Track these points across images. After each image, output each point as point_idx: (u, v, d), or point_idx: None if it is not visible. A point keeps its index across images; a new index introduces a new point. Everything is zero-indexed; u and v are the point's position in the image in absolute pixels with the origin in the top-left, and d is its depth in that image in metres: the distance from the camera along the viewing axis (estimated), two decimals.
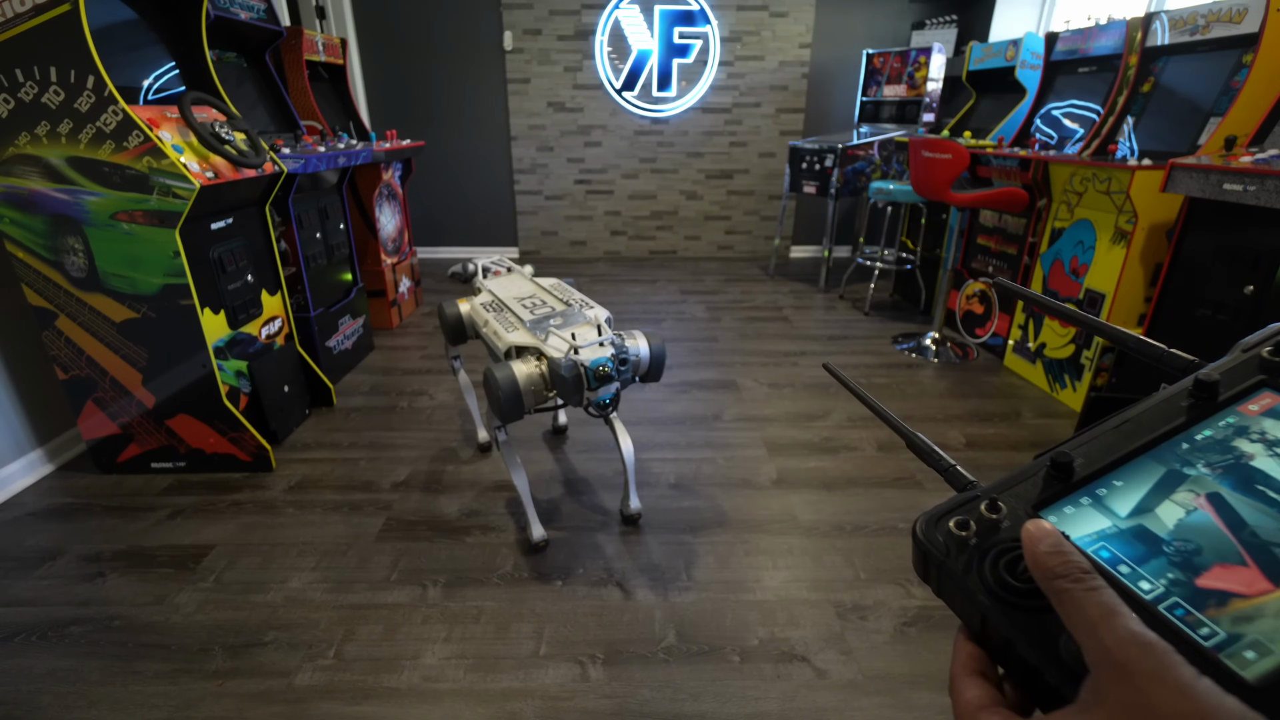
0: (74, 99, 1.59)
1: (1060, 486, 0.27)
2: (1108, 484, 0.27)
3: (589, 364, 1.36)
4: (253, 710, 1.23)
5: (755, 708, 1.23)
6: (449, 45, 4.42)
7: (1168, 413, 0.29)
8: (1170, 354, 0.32)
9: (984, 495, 0.27)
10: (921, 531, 0.27)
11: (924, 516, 0.27)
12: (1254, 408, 0.27)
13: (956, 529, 0.26)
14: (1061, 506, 0.26)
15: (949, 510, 0.27)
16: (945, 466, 0.32)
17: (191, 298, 1.79)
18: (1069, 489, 0.27)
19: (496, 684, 1.28)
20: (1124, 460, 0.27)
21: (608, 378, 1.37)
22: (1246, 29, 2.02)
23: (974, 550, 0.25)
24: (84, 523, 1.78)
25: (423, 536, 1.72)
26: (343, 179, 2.87)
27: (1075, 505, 0.26)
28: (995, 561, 0.25)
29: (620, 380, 1.42)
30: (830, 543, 1.69)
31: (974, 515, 0.26)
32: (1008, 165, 2.75)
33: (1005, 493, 0.27)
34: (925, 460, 0.33)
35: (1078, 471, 0.27)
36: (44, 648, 1.36)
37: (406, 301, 3.56)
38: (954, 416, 2.39)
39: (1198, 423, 0.28)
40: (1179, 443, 0.27)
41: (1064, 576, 0.22)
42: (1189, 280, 1.98)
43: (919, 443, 0.33)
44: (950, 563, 0.26)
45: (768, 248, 5.00)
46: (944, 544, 0.26)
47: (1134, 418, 0.29)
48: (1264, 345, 0.30)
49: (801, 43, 4.50)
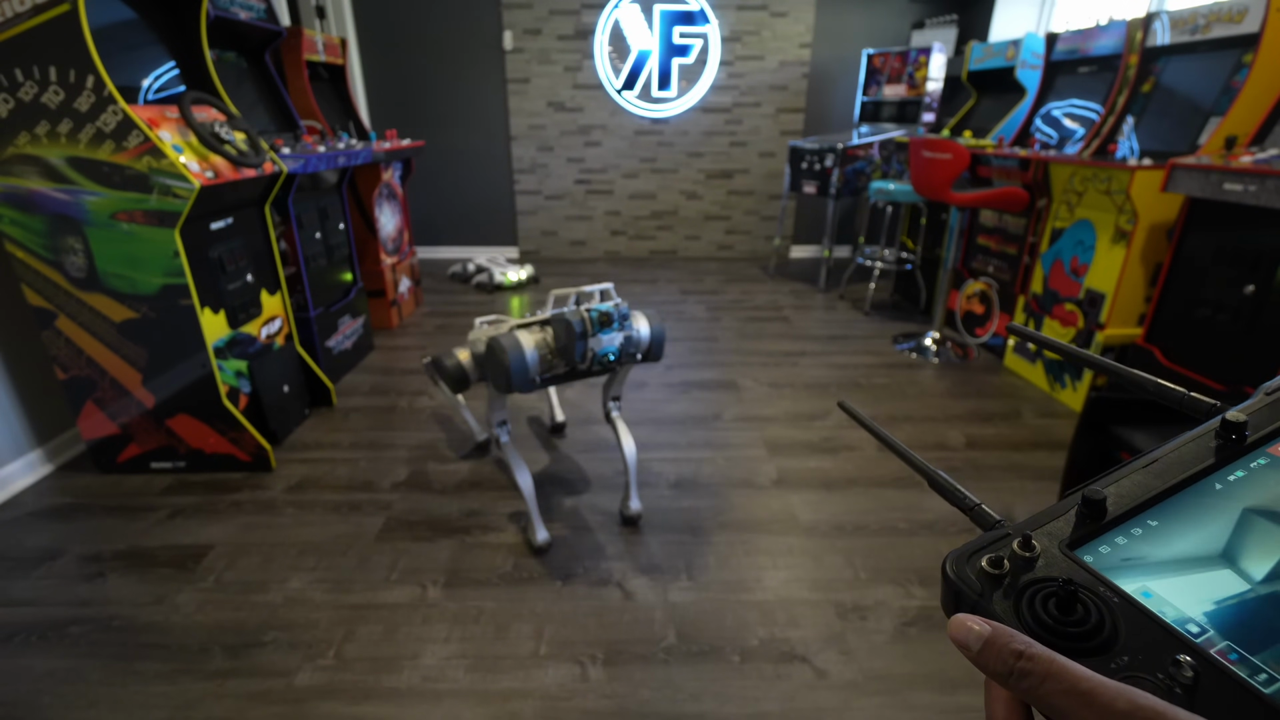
0: (74, 99, 1.59)
1: (1093, 525, 0.27)
2: (1142, 523, 0.26)
3: (590, 311, 1.45)
4: (253, 710, 1.23)
5: (755, 708, 1.23)
6: (449, 45, 4.42)
7: (1196, 453, 0.29)
8: (1191, 398, 0.32)
9: (1016, 533, 0.27)
10: (953, 569, 0.26)
11: (954, 555, 0.27)
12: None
13: (990, 567, 0.26)
14: (1096, 546, 0.26)
15: (980, 548, 0.27)
16: (970, 505, 0.31)
17: (191, 298, 1.79)
18: (1102, 528, 0.27)
19: (496, 684, 1.28)
20: (1157, 500, 0.27)
21: (607, 319, 1.45)
22: (1247, 29, 2.02)
23: (1009, 589, 0.25)
24: (84, 523, 1.78)
25: (423, 536, 1.72)
26: (342, 179, 2.87)
27: (1110, 545, 0.26)
28: (1033, 600, 0.24)
29: (624, 341, 1.49)
30: (830, 543, 1.69)
31: (1007, 553, 0.26)
32: (1008, 165, 2.75)
33: (1036, 530, 0.27)
34: (949, 499, 0.32)
35: (1110, 510, 0.27)
36: (44, 648, 1.36)
37: (406, 301, 3.56)
38: (954, 416, 2.38)
39: (1229, 463, 0.28)
40: (1212, 483, 0.27)
41: (1015, 673, 0.21)
42: (1189, 280, 1.98)
43: (941, 480, 0.33)
44: (985, 602, 0.25)
45: (768, 248, 5.00)
46: (977, 583, 0.25)
47: (1162, 458, 0.29)
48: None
49: (801, 42, 4.50)
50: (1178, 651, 0.21)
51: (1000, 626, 0.23)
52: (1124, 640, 0.22)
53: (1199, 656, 0.21)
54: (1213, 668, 0.20)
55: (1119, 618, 0.23)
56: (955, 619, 0.24)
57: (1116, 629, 0.22)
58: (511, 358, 1.42)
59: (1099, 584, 0.24)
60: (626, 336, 1.52)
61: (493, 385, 1.54)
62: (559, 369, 1.52)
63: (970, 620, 0.23)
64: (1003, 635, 0.22)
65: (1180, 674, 0.20)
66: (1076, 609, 0.23)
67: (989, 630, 0.23)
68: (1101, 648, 0.22)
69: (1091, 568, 0.25)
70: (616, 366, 1.54)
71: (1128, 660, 0.21)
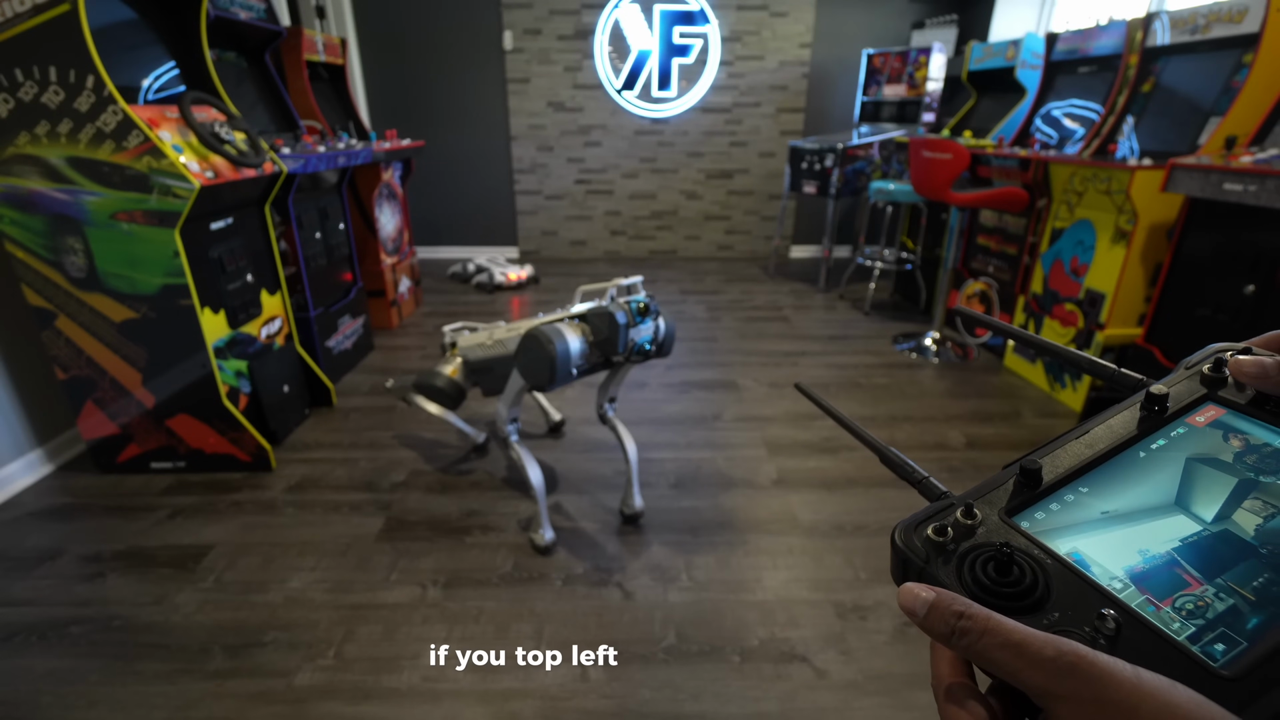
0: (74, 99, 1.59)
1: (1029, 493, 0.29)
2: (1074, 490, 0.29)
3: (629, 302, 1.50)
4: (253, 710, 1.23)
5: (755, 708, 1.23)
6: (449, 45, 4.42)
7: (1124, 424, 0.31)
8: (1121, 373, 0.35)
9: (959, 503, 0.29)
10: (900, 538, 0.28)
11: (902, 524, 0.29)
12: (1200, 419, 0.30)
13: (935, 535, 0.27)
14: (1033, 512, 0.28)
15: (926, 518, 0.28)
16: (919, 479, 0.33)
17: (191, 298, 1.78)
18: (1037, 496, 0.29)
19: (497, 684, 1.28)
20: (1088, 468, 0.30)
21: (646, 310, 1.50)
22: (1247, 29, 2.02)
23: (952, 554, 0.27)
24: (84, 523, 1.78)
25: (423, 536, 1.72)
26: (342, 179, 2.87)
27: (1045, 511, 0.28)
28: (974, 564, 0.26)
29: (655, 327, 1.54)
30: (830, 543, 1.69)
31: (950, 521, 0.28)
32: (1008, 165, 2.75)
33: (978, 500, 0.29)
34: (898, 473, 0.34)
35: (1045, 479, 0.29)
36: (44, 648, 1.36)
37: (406, 301, 3.56)
38: (954, 416, 2.38)
39: (1152, 433, 0.30)
40: (1136, 451, 0.30)
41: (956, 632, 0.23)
42: (1189, 280, 1.98)
43: (892, 456, 0.35)
44: (930, 568, 0.27)
45: (768, 248, 5.00)
46: (923, 549, 0.27)
47: (1093, 429, 0.32)
48: (1204, 363, 0.33)
49: (801, 42, 4.50)
50: (1102, 605, 0.23)
51: (943, 592, 0.24)
52: (1055, 598, 0.24)
53: (1121, 609, 0.23)
54: (1132, 618, 0.23)
55: (1051, 577, 0.25)
56: (904, 587, 0.26)
57: (1049, 588, 0.24)
58: (558, 348, 1.44)
59: (1034, 547, 0.26)
60: (657, 327, 1.56)
61: (525, 381, 1.54)
62: (595, 360, 1.55)
63: (917, 588, 0.25)
64: (945, 599, 0.24)
65: (1104, 626, 0.22)
66: (1013, 571, 0.25)
67: (933, 596, 0.24)
68: (1035, 606, 0.24)
69: (1028, 532, 0.27)
70: (652, 356, 1.58)
71: (1059, 616, 0.23)
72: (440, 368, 1.94)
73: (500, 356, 1.83)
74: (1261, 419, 0.29)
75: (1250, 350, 0.31)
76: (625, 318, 1.47)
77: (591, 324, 1.51)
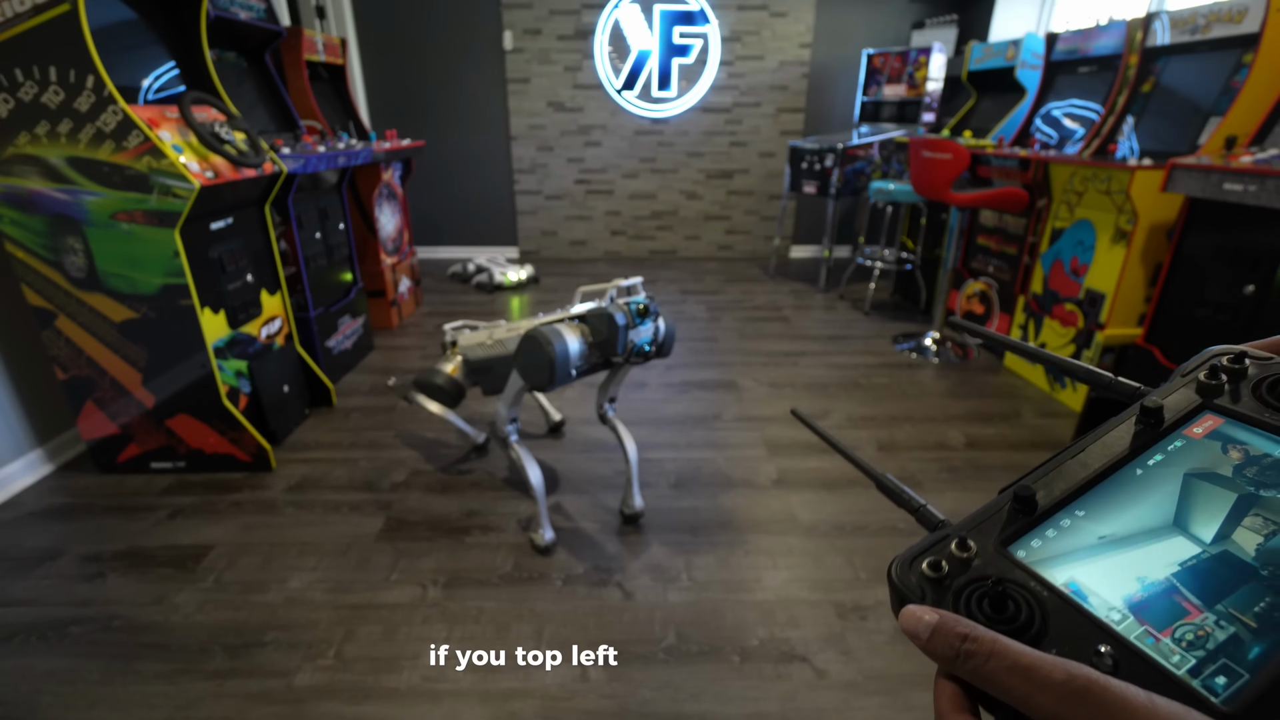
0: (74, 99, 1.59)
1: (1024, 520, 0.28)
2: (1070, 514, 0.28)
3: (629, 303, 1.50)
4: (253, 710, 1.23)
5: (755, 708, 1.23)
6: (449, 45, 4.42)
7: (1119, 439, 0.30)
8: (1118, 381, 0.34)
9: (954, 534, 0.28)
10: (897, 575, 0.28)
11: (898, 559, 0.28)
12: (1198, 430, 0.29)
13: (930, 570, 0.27)
14: (1029, 540, 0.27)
15: (921, 551, 0.28)
16: (916, 506, 0.32)
17: (191, 298, 1.78)
18: (1033, 522, 0.28)
19: (497, 684, 1.28)
20: (1084, 489, 0.29)
21: (646, 311, 1.50)
22: (1247, 29, 2.02)
23: (946, 590, 0.26)
24: (84, 523, 1.77)
25: (423, 536, 1.72)
26: (342, 179, 2.87)
27: (1041, 538, 0.27)
28: (969, 600, 0.25)
29: (654, 328, 1.54)
30: (830, 543, 1.69)
31: (945, 555, 0.27)
32: (1008, 165, 2.75)
33: (973, 530, 0.28)
34: (895, 501, 0.33)
35: (1041, 504, 0.28)
36: (44, 648, 1.36)
37: (406, 301, 3.56)
38: (954, 416, 2.38)
39: (1148, 448, 0.29)
40: (1133, 469, 0.29)
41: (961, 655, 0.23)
42: (1189, 280, 1.98)
43: (889, 484, 0.34)
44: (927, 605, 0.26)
45: (768, 248, 5.00)
46: (918, 586, 0.27)
47: (1087, 446, 0.31)
48: (1199, 369, 0.31)
49: (801, 42, 4.50)
50: (1100, 641, 0.22)
51: (947, 614, 0.24)
52: (1053, 633, 0.23)
53: (1119, 644, 0.22)
54: (1131, 653, 0.22)
55: (1048, 611, 0.24)
56: (905, 610, 0.25)
57: (1046, 623, 0.24)
58: (557, 349, 1.44)
59: (1030, 579, 0.25)
60: (656, 328, 1.56)
61: (524, 381, 1.54)
62: (594, 361, 1.55)
63: (920, 610, 0.25)
64: (949, 621, 0.24)
65: (1101, 664, 0.22)
66: (1008, 606, 0.24)
67: (936, 618, 0.24)
68: (1032, 642, 0.23)
69: (1023, 563, 0.26)
70: (652, 357, 1.58)
71: (1056, 652, 0.23)
72: (441, 366, 1.94)
73: (500, 356, 1.84)
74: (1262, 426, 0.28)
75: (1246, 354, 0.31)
76: (624, 319, 1.48)
77: (591, 325, 1.51)
